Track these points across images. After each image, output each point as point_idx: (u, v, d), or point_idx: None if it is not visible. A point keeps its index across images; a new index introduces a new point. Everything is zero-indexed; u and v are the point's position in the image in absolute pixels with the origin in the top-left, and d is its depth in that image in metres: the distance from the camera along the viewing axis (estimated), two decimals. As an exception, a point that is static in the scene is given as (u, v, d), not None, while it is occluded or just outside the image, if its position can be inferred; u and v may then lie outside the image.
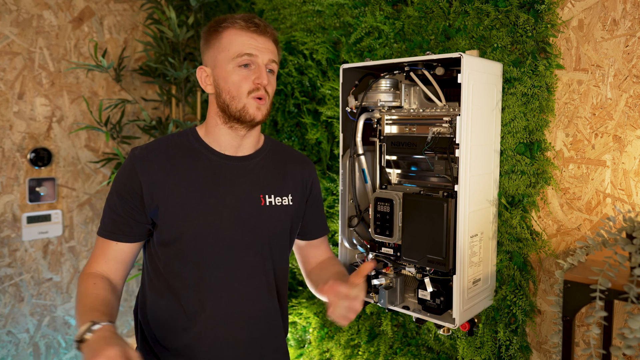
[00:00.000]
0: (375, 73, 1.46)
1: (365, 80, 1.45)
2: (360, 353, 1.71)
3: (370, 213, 1.36)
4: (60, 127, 2.26)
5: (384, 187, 1.42)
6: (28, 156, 2.16)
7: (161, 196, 1.08)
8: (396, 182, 1.43)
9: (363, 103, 1.37)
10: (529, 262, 1.35)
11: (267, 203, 1.16)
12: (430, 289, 1.27)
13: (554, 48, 1.27)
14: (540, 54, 1.29)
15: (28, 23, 2.13)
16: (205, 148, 1.14)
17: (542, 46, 1.29)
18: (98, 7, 2.34)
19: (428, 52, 1.24)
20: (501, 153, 1.35)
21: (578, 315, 1.24)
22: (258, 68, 1.08)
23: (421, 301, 1.30)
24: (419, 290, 1.30)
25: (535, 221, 1.34)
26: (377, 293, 1.36)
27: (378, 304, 1.36)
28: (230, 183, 1.13)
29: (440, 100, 1.29)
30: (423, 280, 1.28)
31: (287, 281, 1.27)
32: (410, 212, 1.27)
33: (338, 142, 1.66)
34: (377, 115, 1.40)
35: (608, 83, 1.20)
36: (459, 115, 1.17)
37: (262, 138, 1.24)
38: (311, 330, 1.90)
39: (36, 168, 2.19)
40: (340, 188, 1.44)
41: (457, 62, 1.18)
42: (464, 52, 1.20)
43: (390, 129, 1.38)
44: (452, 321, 1.22)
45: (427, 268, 1.28)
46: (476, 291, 1.28)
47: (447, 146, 1.23)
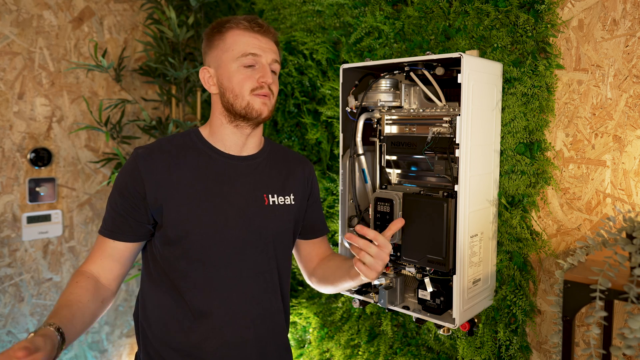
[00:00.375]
0: (375, 73, 1.46)
1: (365, 80, 1.45)
2: (360, 353, 1.71)
3: (370, 213, 1.36)
4: (60, 127, 2.26)
5: (384, 187, 1.42)
6: (28, 156, 2.16)
7: (165, 195, 1.08)
8: (396, 182, 1.43)
9: (363, 103, 1.37)
10: (529, 262, 1.35)
11: (271, 202, 1.17)
12: (430, 289, 1.27)
13: (554, 48, 1.27)
14: (540, 54, 1.29)
15: (28, 23, 2.13)
16: (209, 148, 1.15)
17: (542, 46, 1.29)
18: (98, 7, 2.34)
19: (428, 52, 1.24)
20: (501, 153, 1.35)
21: (578, 315, 1.24)
22: (262, 67, 1.10)
23: (421, 301, 1.30)
24: (419, 290, 1.30)
25: (535, 221, 1.34)
26: (377, 293, 1.36)
27: (378, 304, 1.36)
28: (234, 182, 1.14)
29: (440, 100, 1.29)
30: (423, 280, 1.28)
31: (289, 280, 1.27)
32: (410, 212, 1.27)
33: (338, 142, 1.66)
34: (377, 115, 1.40)
35: (608, 83, 1.20)
36: (459, 115, 1.17)
37: (262, 139, 1.25)
38: (311, 330, 1.90)
39: (36, 168, 2.19)
40: (340, 188, 1.44)
41: (457, 62, 1.19)
42: (464, 52, 1.20)
43: (390, 129, 1.38)
44: (452, 321, 1.22)
45: (427, 268, 1.28)
46: (476, 291, 1.28)
47: (447, 146, 1.23)
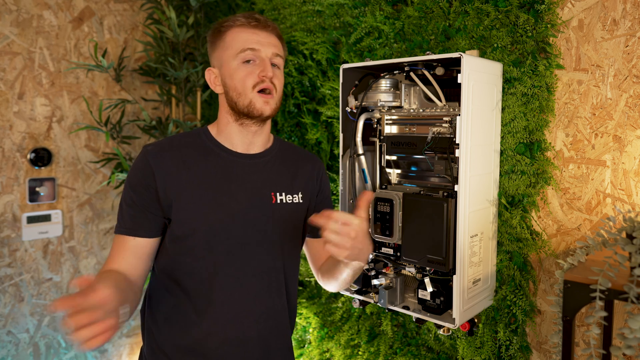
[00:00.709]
0: (375, 73, 1.46)
1: (365, 80, 1.45)
2: (360, 353, 1.71)
3: (370, 213, 1.36)
4: (60, 127, 2.26)
5: (384, 187, 1.42)
6: (28, 156, 2.16)
7: (174, 192, 1.09)
8: (396, 182, 1.43)
9: (363, 103, 1.37)
10: (529, 262, 1.35)
11: (278, 201, 1.17)
12: (430, 289, 1.27)
13: (554, 48, 1.27)
14: (540, 54, 1.29)
15: (28, 23, 2.13)
16: (217, 146, 1.15)
17: (542, 46, 1.29)
18: (98, 7, 2.34)
19: (428, 52, 1.24)
20: (501, 153, 1.35)
21: (578, 315, 1.24)
22: (262, 62, 1.10)
23: (421, 301, 1.30)
24: (419, 290, 1.30)
25: (535, 221, 1.34)
26: (377, 293, 1.36)
27: (378, 304, 1.36)
28: (242, 180, 1.14)
29: (440, 100, 1.29)
30: (423, 280, 1.28)
31: (297, 279, 1.26)
32: (410, 212, 1.27)
33: (338, 142, 1.66)
34: (377, 115, 1.40)
35: (608, 83, 1.20)
36: (459, 115, 1.17)
37: (272, 137, 1.25)
38: (311, 330, 1.90)
39: (36, 168, 2.19)
40: (340, 188, 1.44)
41: (457, 62, 1.19)
42: (464, 52, 1.20)
43: (390, 129, 1.38)
44: (452, 321, 1.22)
45: (427, 268, 1.28)
46: (476, 291, 1.28)
47: (447, 146, 1.23)
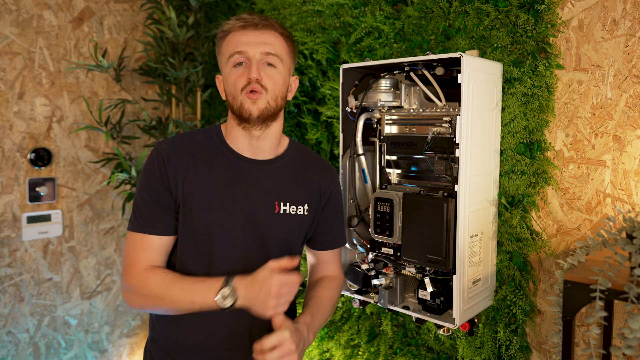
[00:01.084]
0: (375, 73, 1.46)
1: (365, 80, 1.45)
2: (360, 353, 1.71)
3: (370, 213, 1.36)
4: (60, 127, 2.26)
5: (384, 187, 1.42)
6: (28, 156, 2.16)
7: (181, 191, 1.09)
8: (396, 182, 1.43)
9: (363, 103, 1.37)
10: (529, 262, 1.35)
11: (282, 211, 1.15)
12: (430, 289, 1.27)
13: (554, 48, 1.27)
14: (540, 54, 1.29)
15: (28, 23, 2.13)
16: (226, 148, 1.15)
17: (542, 46, 1.29)
18: (98, 7, 2.34)
19: (428, 52, 1.24)
20: (501, 153, 1.35)
21: (578, 315, 1.24)
22: (249, 64, 1.08)
23: (421, 301, 1.30)
24: (419, 290, 1.30)
25: (535, 221, 1.34)
26: (377, 293, 1.36)
27: (378, 304, 1.36)
28: (247, 186, 1.13)
29: (440, 100, 1.29)
30: (423, 280, 1.28)
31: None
32: (410, 212, 1.27)
33: (338, 142, 1.66)
34: (377, 115, 1.40)
35: (608, 83, 1.20)
36: (459, 115, 1.17)
37: (287, 142, 1.22)
38: (311, 330, 1.91)
39: (36, 168, 2.19)
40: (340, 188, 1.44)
41: (457, 62, 1.19)
42: (464, 52, 1.20)
43: (390, 129, 1.38)
44: (452, 321, 1.22)
45: (427, 268, 1.28)
46: (476, 291, 1.28)
47: (447, 146, 1.23)
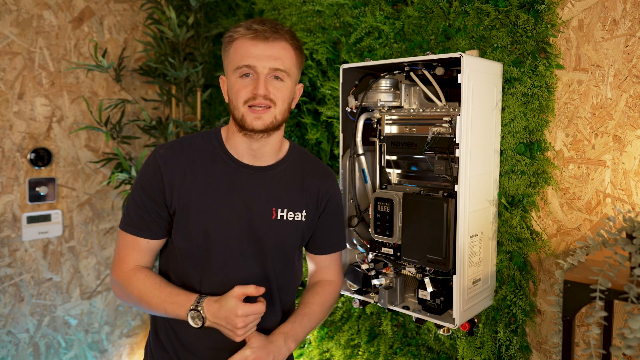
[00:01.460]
0: (375, 73, 1.46)
1: (365, 80, 1.45)
2: (360, 353, 1.71)
3: (370, 213, 1.36)
4: (60, 127, 2.26)
5: (384, 187, 1.42)
6: (28, 156, 2.16)
7: (177, 199, 1.10)
8: (396, 182, 1.43)
9: (363, 103, 1.37)
10: (529, 262, 1.35)
11: (279, 217, 1.15)
12: (430, 289, 1.27)
13: (554, 48, 1.27)
14: (540, 54, 1.29)
15: (28, 23, 2.13)
16: (225, 154, 1.14)
17: (542, 46, 1.29)
18: (98, 7, 2.34)
19: (428, 52, 1.24)
20: (501, 153, 1.35)
21: (578, 315, 1.24)
22: (257, 77, 1.06)
23: (421, 301, 1.30)
24: (419, 290, 1.30)
25: (535, 221, 1.34)
26: (377, 293, 1.36)
27: (378, 304, 1.36)
28: (244, 192, 1.13)
29: (440, 100, 1.29)
30: (423, 280, 1.28)
31: (293, 291, 1.26)
32: (410, 212, 1.26)
33: (338, 142, 1.66)
34: (377, 115, 1.40)
35: (608, 83, 1.20)
36: (459, 115, 1.17)
37: (287, 147, 1.22)
38: (311, 330, 1.91)
39: (36, 168, 2.19)
40: (340, 188, 1.44)
41: (457, 62, 1.18)
42: (464, 52, 1.20)
43: (390, 129, 1.38)
44: (452, 321, 1.22)
45: (427, 268, 1.28)
46: (476, 291, 1.28)
47: (447, 146, 1.23)
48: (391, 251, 1.35)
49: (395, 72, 1.36)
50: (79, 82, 2.30)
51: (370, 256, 1.38)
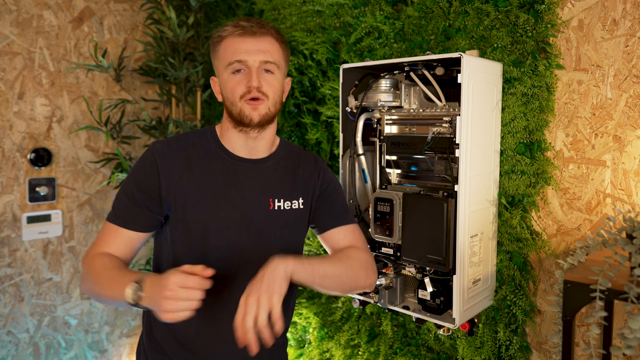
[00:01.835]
0: (375, 73, 1.46)
1: (365, 80, 1.45)
2: (360, 353, 1.71)
3: (370, 213, 1.36)
4: (60, 127, 2.26)
5: (384, 187, 1.42)
6: (28, 156, 2.16)
7: (175, 194, 1.10)
8: (396, 182, 1.42)
9: (363, 103, 1.37)
10: (529, 262, 1.35)
11: (276, 207, 1.16)
12: (430, 289, 1.27)
13: (554, 48, 1.27)
14: (540, 54, 1.29)
15: (28, 23, 2.13)
16: (220, 149, 1.16)
17: (542, 46, 1.29)
18: (98, 7, 2.34)
19: (428, 52, 1.24)
20: (501, 153, 1.35)
21: (578, 315, 1.24)
22: (249, 71, 1.09)
23: (421, 301, 1.30)
24: (419, 290, 1.30)
25: (535, 221, 1.34)
26: (377, 293, 1.36)
27: (378, 304, 1.36)
28: (241, 185, 1.14)
29: (440, 100, 1.29)
30: (423, 280, 1.28)
31: (295, 286, 1.25)
32: (410, 212, 1.27)
33: (338, 142, 1.66)
34: (377, 115, 1.40)
35: (608, 83, 1.20)
36: (459, 115, 1.17)
37: (278, 141, 1.24)
38: (311, 330, 1.90)
39: (36, 168, 2.19)
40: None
41: (457, 62, 1.18)
42: (464, 52, 1.20)
43: (390, 129, 1.38)
44: (452, 321, 1.22)
45: (427, 268, 1.28)
46: (476, 291, 1.28)
47: (447, 146, 1.23)
48: (391, 251, 1.35)
49: (395, 72, 1.36)
50: (79, 82, 2.30)
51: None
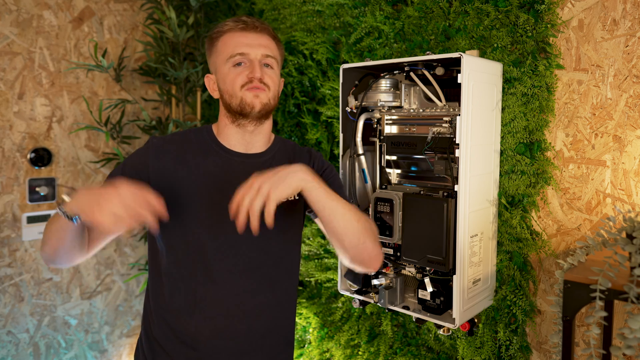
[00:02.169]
0: (375, 73, 1.46)
1: (365, 80, 1.45)
2: (360, 353, 1.71)
3: (370, 213, 1.36)
4: (60, 127, 2.26)
5: (384, 187, 1.42)
6: (28, 156, 2.16)
7: (167, 187, 1.10)
8: (396, 182, 1.42)
9: (363, 103, 1.37)
10: (529, 262, 1.35)
11: None
12: (430, 289, 1.27)
13: (554, 48, 1.27)
14: (540, 54, 1.29)
15: (28, 23, 2.13)
16: (217, 144, 1.17)
17: (542, 46, 1.29)
18: (98, 7, 2.34)
19: (428, 52, 1.24)
20: (501, 153, 1.35)
21: (578, 315, 1.24)
22: (251, 64, 1.11)
23: (421, 301, 1.30)
24: (419, 290, 1.30)
25: (535, 221, 1.34)
26: (377, 293, 1.36)
27: (378, 304, 1.36)
28: (237, 179, 1.14)
29: (440, 100, 1.29)
30: (423, 280, 1.28)
31: (295, 274, 1.25)
32: (410, 212, 1.27)
33: (338, 142, 1.66)
34: (377, 115, 1.40)
35: (608, 83, 1.20)
36: (459, 115, 1.17)
37: (273, 137, 1.25)
38: (311, 330, 1.90)
39: (36, 168, 2.19)
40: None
41: (457, 62, 1.18)
42: (464, 52, 1.20)
43: (390, 129, 1.38)
44: (452, 321, 1.22)
45: (427, 268, 1.28)
46: (476, 291, 1.28)
47: (447, 146, 1.23)
48: (391, 251, 1.35)
49: (395, 72, 1.36)
50: (79, 82, 2.30)
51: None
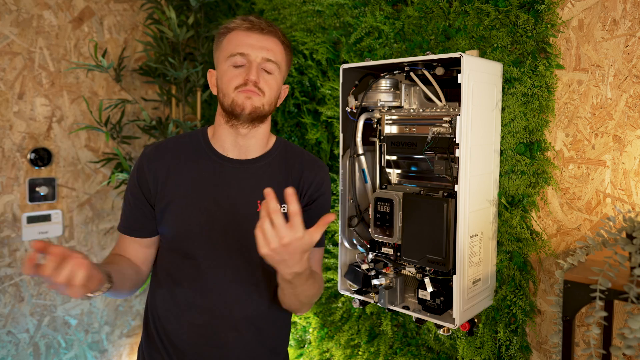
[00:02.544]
0: (375, 73, 1.46)
1: (365, 80, 1.45)
2: (360, 353, 1.71)
3: (370, 213, 1.36)
4: (60, 127, 2.26)
5: (384, 187, 1.42)
6: (28, 156, 2.16)
7: (163, 195, 1.12)
8: (396, 182, 1.42)
9: (363, 103, 1.37)
10: (529, 262, 1.35)
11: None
12: (430, 289, 1.27)
13: (554, 48, 1.27)
14: (540, 54, 1.29)
15: (28, 23, 2.13)
16: (210, 150, 1.16)
17: (542, 46, 1.29)
18: (98, 7, 2.34)
19: (428, 52, 1.24)
20: (501, 153, 1.35)
21: (578, 315, 1.24)
22: (249, 66, 1.09)
23: (421, 301, 1.30)
24: (419, 290, 1.30)
25: (535, 221, 1.34)
26: (377, 293, 1.36)
27: (378, 304, 1.36)
28: (228, 186, 1.13)
29: (440, 100, 1.29)
30: (423, 280, 1.28)
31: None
32: (410, 212, 1.26)
33: (338, 142, 1.66)
34: (377, 115, 1.40)
35: (608, 83, 1.20)
36: (459, 115, 1.17)
37: (273, 141, 1.22)
38: (311, 330, 1.90)
39: (36, 168, 2.18)
40: (340, 188, 1.44)
41: (457, 62, 1.18)
42: (464, 52, 1.20)
43: (390, 129, 1.38)
44: (452, 321, 1.22)
45: (427, 268, 1.28)
46: (476, 291, 1.28)
47: (447, 146, 1.23)
48: (391, 251, 1.35)
49: (395, 72, 1.36)
50: (79, 82, 2.30)
51: (370, 256, 1.38)
